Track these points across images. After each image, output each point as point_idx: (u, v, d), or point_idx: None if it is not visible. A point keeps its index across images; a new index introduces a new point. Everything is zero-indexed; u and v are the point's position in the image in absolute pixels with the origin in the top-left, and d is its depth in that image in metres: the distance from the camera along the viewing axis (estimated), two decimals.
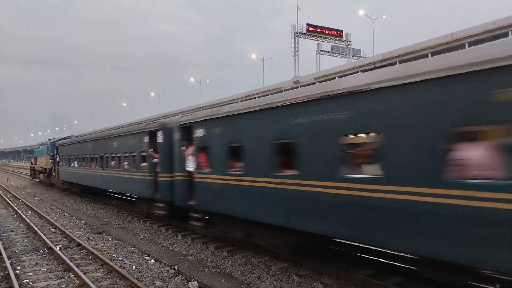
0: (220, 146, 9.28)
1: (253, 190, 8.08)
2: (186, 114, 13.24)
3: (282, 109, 7.40)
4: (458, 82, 4.72)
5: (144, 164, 13.54)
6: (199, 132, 10.26)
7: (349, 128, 6.08)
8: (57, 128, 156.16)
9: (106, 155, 17.43)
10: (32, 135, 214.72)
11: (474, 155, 4.78)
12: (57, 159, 26.96)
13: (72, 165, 23.15)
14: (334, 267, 7.65)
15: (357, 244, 8.68)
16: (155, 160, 12.69)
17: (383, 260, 7.96)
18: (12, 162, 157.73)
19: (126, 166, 15.30)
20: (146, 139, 13.30)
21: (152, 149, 12.96)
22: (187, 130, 10.85)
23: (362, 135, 6.14)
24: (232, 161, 8.95)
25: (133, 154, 14.76)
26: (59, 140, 29.08)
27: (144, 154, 13.61)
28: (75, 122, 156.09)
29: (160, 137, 12.45)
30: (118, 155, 16.20)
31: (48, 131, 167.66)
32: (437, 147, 4.93)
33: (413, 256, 7.50)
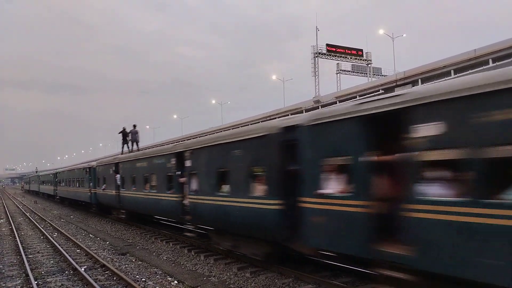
0: (109, 177, 21.01)
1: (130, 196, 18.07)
2: (104, 158, 27.55)
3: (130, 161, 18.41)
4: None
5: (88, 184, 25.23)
6: (103, 169, 22.49)
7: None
8: (43, 161, 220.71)
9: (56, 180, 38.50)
10: (43, 161, 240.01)
11: None
12: (24, 182, 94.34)
13: (28, 183, 76.95)
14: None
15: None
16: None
17: None
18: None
19: (76, 185, 29.29)
20: (87, 172, 25.36)
21: (90, 177, 24.45)
22: (101, 168, 22.98)
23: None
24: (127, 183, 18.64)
25: (81, 178, 27.09)
26: (27, 174, 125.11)
27: (84, 178, 26.09)
28: (82, 151, 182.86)
29: (92, 171, 24.32)
30: (72, 179, 30.93)
31: (43, 160, 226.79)
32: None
33: None
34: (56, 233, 18.11)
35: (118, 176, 19.39)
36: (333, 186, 6.86)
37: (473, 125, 4.81)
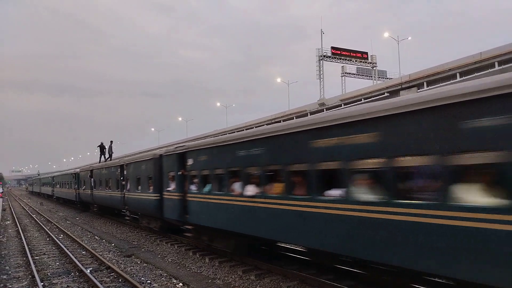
0: (87, 180, 27.72)
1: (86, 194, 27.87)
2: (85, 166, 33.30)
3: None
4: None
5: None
6: (84, 174, 29.23)
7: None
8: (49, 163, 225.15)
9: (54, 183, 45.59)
10: (49, 162, 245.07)
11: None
12: (28, 184, 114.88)
13: (31, 185, 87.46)
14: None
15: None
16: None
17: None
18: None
19: (66, 187, 36.88)
20: (73, 176, 32.48)
21: (76, 180, 31.72)
22: (82, 173, 29.59)
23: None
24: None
25: (70, 181, 34.62)
26: (32, 176, 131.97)
27: (71, 181, 33.58)
28: (88, 153, 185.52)
29: (76, 175, 31.36)
30: (61, 181, 39.85)
31: (49, 162, 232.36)
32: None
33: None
34: (62, 235, 18.22)
35: (92, 179, 25.86)
36: (171, 186, 13.60)
37: (198, 160, 11.58)
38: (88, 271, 10.51)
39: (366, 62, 63.06)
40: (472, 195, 4.88)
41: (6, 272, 11.00)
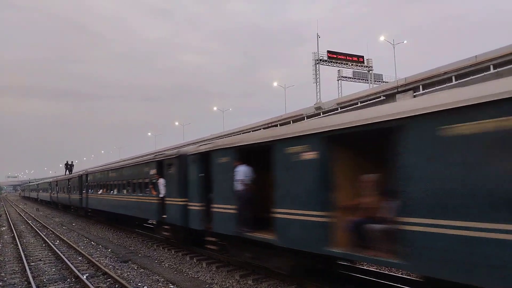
0: (54, 187, 43.09)
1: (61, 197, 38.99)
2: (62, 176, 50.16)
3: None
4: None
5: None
6: (54, 183, 44.08)
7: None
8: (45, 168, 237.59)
9: (39, 188, 60.77)
10: (45, 168, 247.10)
11: None
12: (21, 190, 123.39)
13: (23, 191, 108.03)
14: None
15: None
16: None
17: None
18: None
19: (45, 192, 51.76)
20: (49, 184, 48.11)
21: (50, 187, 47.06)
22: (53, 183, 44.64)
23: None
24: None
25: (47, 187, 49.39)
26: (22, 183, 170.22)
27: (48, 188, 48.58)
28: (84, 158, 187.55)
29: (50, 183, 46.73)
30: (49, 187, 47.92)
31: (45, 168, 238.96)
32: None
33: None
34: (58, 241, 18.09)
35: (57, 187, 38.60)
36: (84, 190, 26.76)
37: (90, 178, 26.04)
38: (85, 277, 10.42)
39: (362, 66, 63.32)
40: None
41: (2, 279, 10.89)
